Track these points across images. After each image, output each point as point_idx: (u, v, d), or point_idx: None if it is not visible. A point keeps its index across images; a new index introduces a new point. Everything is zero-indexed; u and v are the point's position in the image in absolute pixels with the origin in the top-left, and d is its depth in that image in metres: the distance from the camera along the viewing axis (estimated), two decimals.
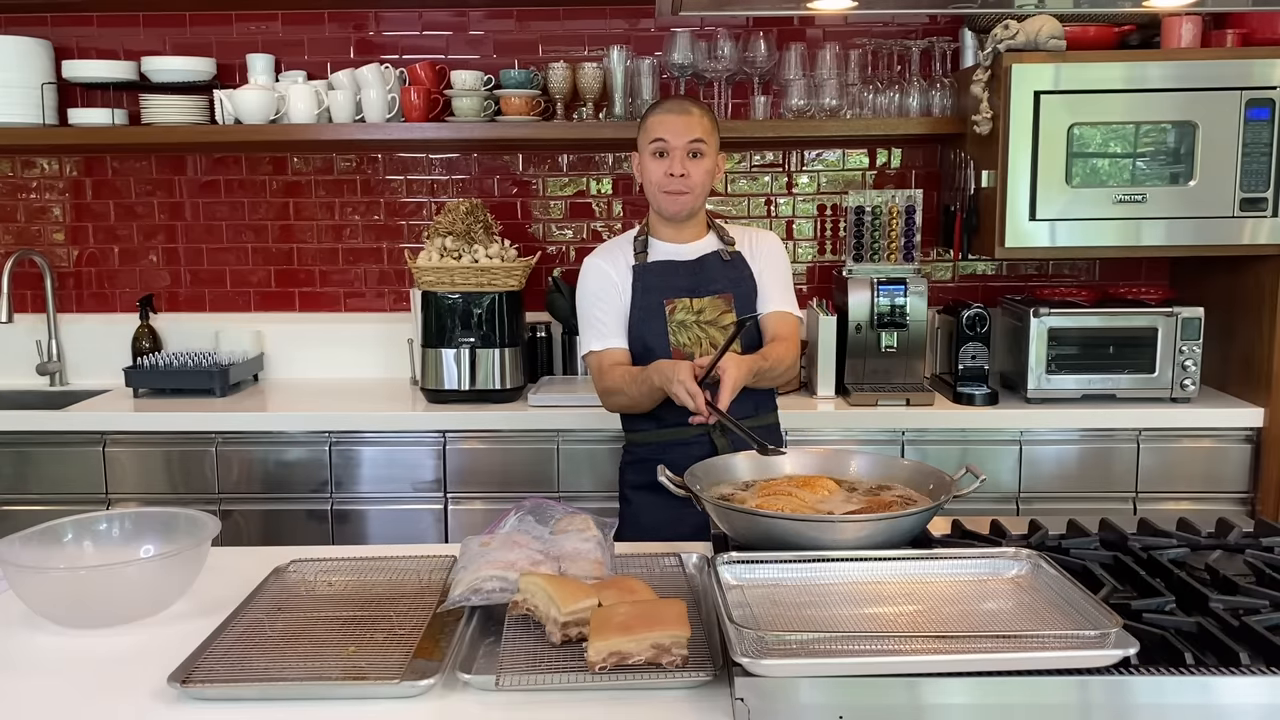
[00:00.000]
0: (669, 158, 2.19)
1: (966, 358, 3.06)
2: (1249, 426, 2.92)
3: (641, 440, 2.30)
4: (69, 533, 1.67)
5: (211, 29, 3.41)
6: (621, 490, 2.36)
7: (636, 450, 2.31)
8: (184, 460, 2.98)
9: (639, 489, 2.26)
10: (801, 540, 1.47)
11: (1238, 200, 2.85)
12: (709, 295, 2.25)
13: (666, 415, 2.24)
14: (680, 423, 2.24)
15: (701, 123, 2.20)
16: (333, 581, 1.64)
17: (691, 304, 2.25)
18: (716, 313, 2.25)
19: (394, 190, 3.51)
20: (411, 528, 2.98)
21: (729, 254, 2.30)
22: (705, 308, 2.24)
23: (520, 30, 3.41)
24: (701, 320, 2.25)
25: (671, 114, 2.21)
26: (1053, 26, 2.81)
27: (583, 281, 2.33)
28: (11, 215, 3.53)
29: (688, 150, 2.18)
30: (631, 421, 2.32)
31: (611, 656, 1.29)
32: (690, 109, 2.23)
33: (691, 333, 2.24)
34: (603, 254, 2.34)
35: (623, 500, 2.35)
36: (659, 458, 2.04)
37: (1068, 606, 1.30)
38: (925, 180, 3.44)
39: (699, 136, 2.18)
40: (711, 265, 2.28)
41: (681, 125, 2.18)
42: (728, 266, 2.29)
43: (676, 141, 2.18)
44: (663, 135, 2.19)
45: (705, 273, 2.27)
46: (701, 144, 2.18)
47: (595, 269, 2.32)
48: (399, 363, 3.43)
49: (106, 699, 1.32)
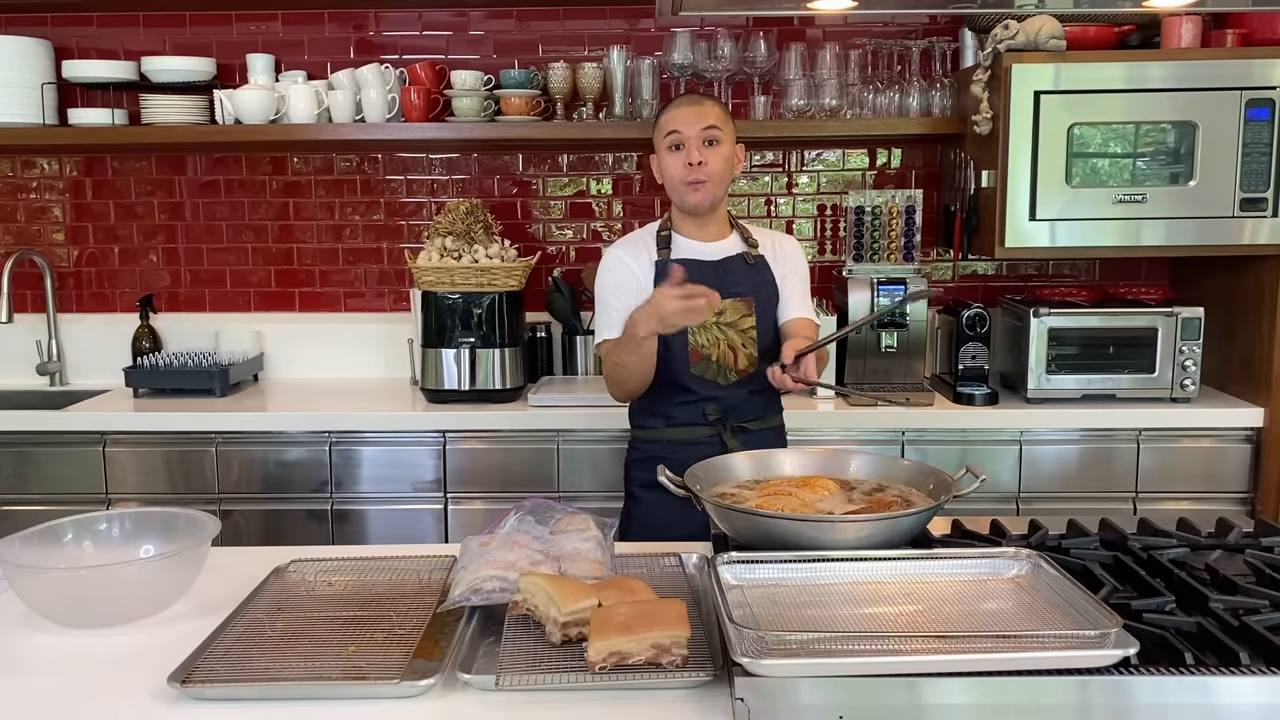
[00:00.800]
0: (685, 149, 2.19)
1: (966, 358, 3.06)
2: (1249, 426, 2.92)
3: (649, 438, 2.30)
4: (69, 533, 1.67)
5: (211, 29, 3.41)
6: (628, 488, 2.36)
7: (644, 448, 2.31)
8: (184, 460, 2.98)
9: (648, 487, 2.24)
10: (801, 540, 1.46)
11: (1238, 200, 2.85)
12: (731, 297, 2.24)
13: (677, 414, 2.25)
14: (691, 422, 2.25)
15: (714, 110, 2.22)
16: (333, 581, 1.64)
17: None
18: (738, 315, 2.25)
19: (394, 190, 3.51)
20: (411, 528, 2.98)
21: (753, 257, 2.30)
22: (727, 309, 2.23)
23: (520, 30, 3.41)
24: (722, 322, 2.24)
25: (683, 106, 2.23)
26: (1053, 26, 2.81)
27: (602, 272, 2.32)
28: (11, 215, 3.53)
29: (703, 139, 2.19)
30: (640, 418, 2.32)
31: (611, 656, 1.29)
32: (702, 100, 2.25)
33: (711, 334, 2.23)
34: (625, 246, 2.33)
35: (630, 498, 2.35)
36: (668, 456, 2.05)
37: (1068, 606, 1.30)
38: (925, 180, 3.44)
39: (712, 123, 2.19)
40: (736, 267, 2.28)
41: (694, 115, 2.20)
42: (751, 270, 2.29)
43: (690, 131, 2.19)
44: (676, 127, 2.20)
45: (729, 274, 2.26)
46: (716, 130, 2.20)
47: (616, 261, 2.30)
48: (399, 363, 3.43)
49: (106, 699, 1.32)
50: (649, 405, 2.29)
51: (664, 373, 2.21)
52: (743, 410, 2.27)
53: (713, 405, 2.24)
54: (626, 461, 2.38)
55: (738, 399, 2.26)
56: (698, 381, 2.23)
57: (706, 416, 2.24)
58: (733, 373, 2.25)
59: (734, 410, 2.25)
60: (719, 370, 2.24)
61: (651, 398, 2.27)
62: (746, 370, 2.26)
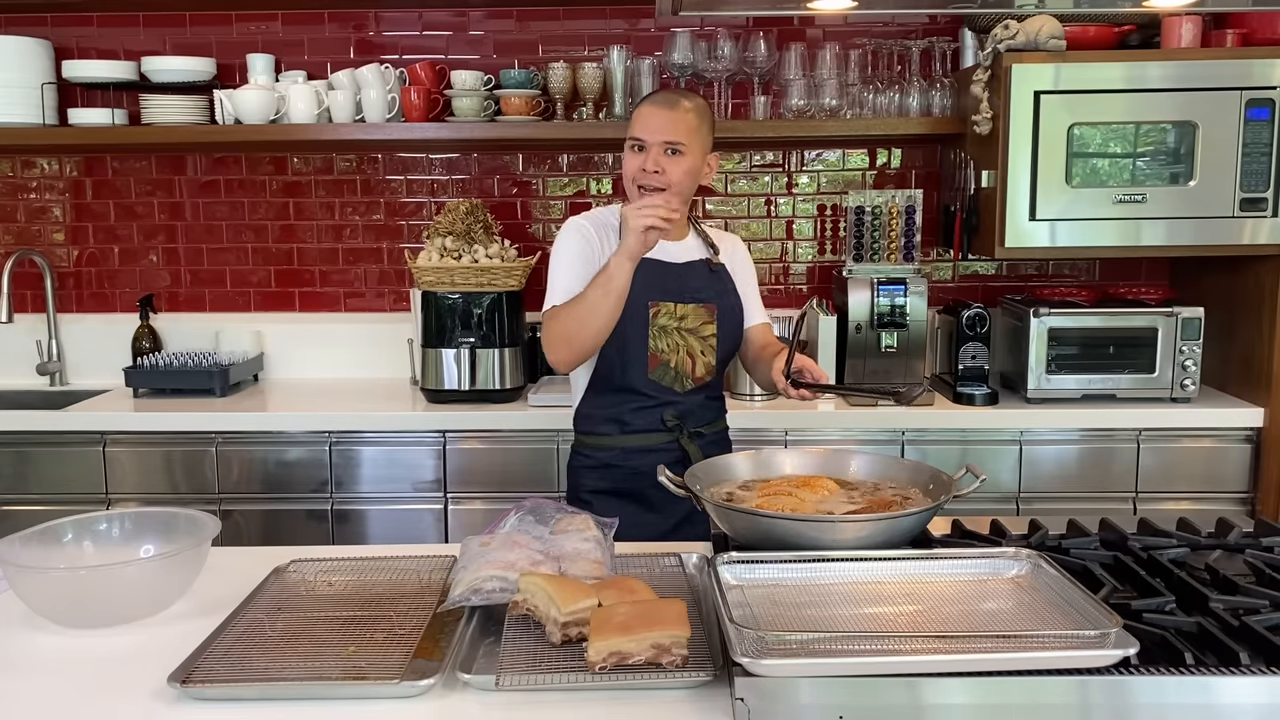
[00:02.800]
0: (646, 152, 2.10)
1: (966, 358, 3.06)
2: (1249, 426, 2.92)
3: (600, 444, 2.23)
4: (69, 533, 1.67)
5: (211, 29, 3.41)
6: (576, 494, 2.27)
7: (594, 454, 2.24)
8: (184, 460, 2.98)
9: (599, 493, 2.21)
10: (801, 540, 1.46)
11: (1238, 200, 2.85)
12: (693, 303, 2.19)
13: (632, 420, 2.19)
14: (647, 428, 2.20)
15: (685, 121, 2.10)
16: (333, 581, 1.64)
17: (675, 309, 2.18)
18: (698, 321, 2.20)
19: (394, 190, 3.51)
20: (411, 528, 2.98)
21: (716, 264, 2.26)
22: (688, 315, 2.19)
23: (520, 30, 3.41)
24: (683, 327, 2.19)
25: (655, 108, 2.12)
26: (1053, 26, 2.81)
27: (565, 240, 2.19)
28: (11, 215, 3.53)
29: (664, 148, 2.09)
30: (590, 424, 2.25)
31: (611, 656, 1.29)
32: (676, 103, 2.12)
33: (672, 339, 2.18)
34: (593, 222, 2.22)
35: (578, 504, 2.22)
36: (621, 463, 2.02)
37: (1068, 606, 1.30)
38: (925, 180, 3.44)
39: (676, 139, 2.09)
40: (699, 272, 2.23)
41: (660, 124, 2.09)
42: (714, 277, 2.25)
43: (653, 139, 2.09)
44: (639, 134, 2.11)
45: (693, 279, 2.22)
46: (679, 145, 2.09)
47: (582, 233, 2.18)
48: (399, 363, 3.43)
49: (106, 699, 1.32)
50: (601, 411, 2.22)
51: (620, 378, 2.16)
52: (698, 415, 2.22)
53: (670, 411, 2.19)
54: (571, 467, 2.30)
55: (694, 404, 2.21)
56: (654, 387, 2.18)
57: (665, 422, 2.19)
58: (689, 380, 2.20)
59: (690, 415, 2.21)
60: (676, 377, 2.19)
61: (604, 403, 2.21)
62: (703, 378, 2.21)
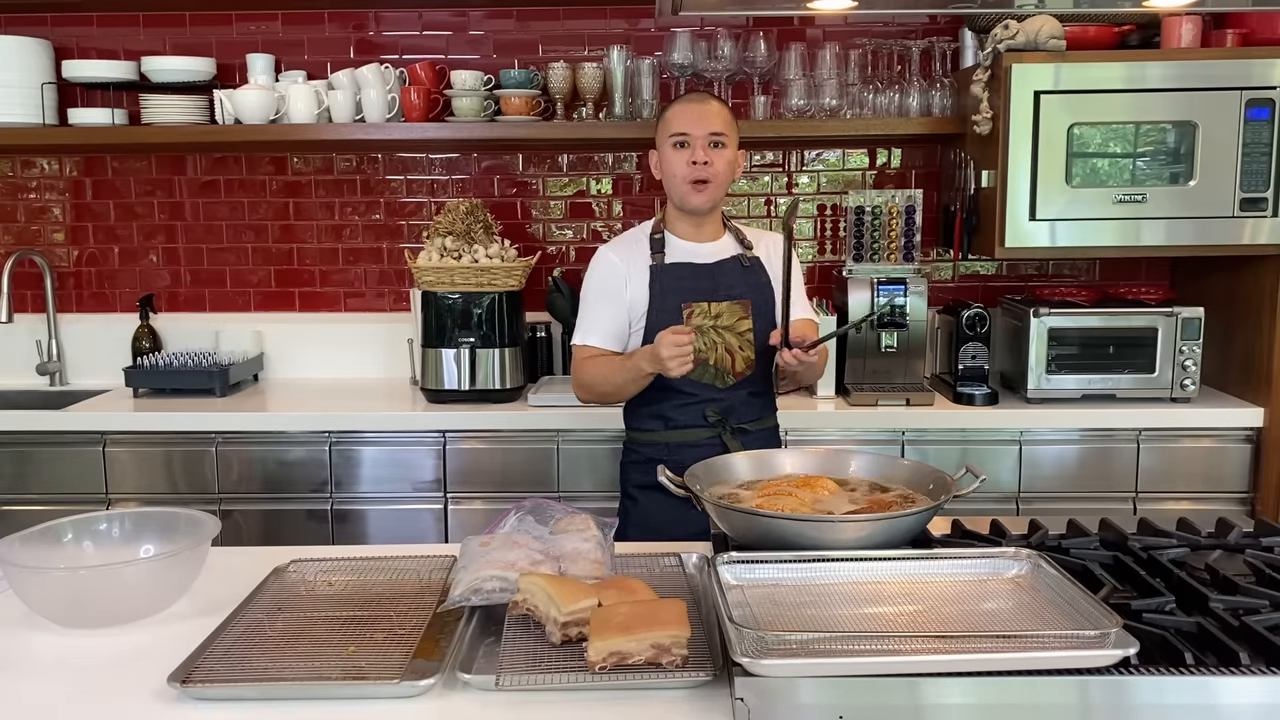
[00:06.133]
0: (690, 148, 2.20)
1: (966, 358, 3.06)
2: (1249, 426, 2.92)
3: (647, 440, 2.30)
4: (69, 533, 1.67)
5: (211, 29, 3.41)
6: (625, 489, 2.36)
7: (642, 450, 2.31)
8: (184, 460, 2.98)
9: (645, 488, 2.25)
10: (801, 540, 1.46)
11: (1238, 200, 2.84)
12: (728, 300, 2.24)
13: (676, 416, 2.25)
14: (691, 424, 2.25)
15: (721, 114, 2.24)
16: (333, 581, 1.64)
17: (710, 308, 2.24)
18: (734, 318, 2.25)
19: (394, 190, 3.51)
20: (411, 528, 2.98)
21: (749, 259, 2.30)
22: (723, 312, 2.24)
23: (520, 30, 3.41)
24: (719, 325, 2.24)
25: (691, 104, 2.24)
26: (1053, 26, 2.81)
27: (591, 272, 2.32)
28: (11, 215, 3.53)
29: (709, 141, 2.20)
30: (637, 421, 2.32)
31: (611, 656, 1.29)
32: (708, 100, 2.27)
33: (708, 337, 2.23)
34: (618, 248, 2.32)
35: (628, 499, 2.34)
36: (666, 458, 2.05)
37: (1068, 606, 1.30)
38: (925, 180, 3.44)
39: (718, 129, 2.21)
40: (731, 269, 2.28)
41: (700, 117, 2.21)
42: (747, 272, 2.29)
43: (697, 132, 2.20)
44: (684, 129, 2.21)
45: (725, 276, 2.27)
46: (722, 136, 2.21)
47: (608, 264, 2.30)
48: (399, 363, 3.43)
49: (106, 699, 1.32)
50: (646, 408, 2.29)
51: (661, 376, 2.21)
52: (741, 412, 2.27)
53: (712, 407, 2.24)
54: (622, 463, 2.38)
55: (737, 401, 2.26)
56: (694, 384, 2.23)
57: (707, 418, 2.24)
58: (730, 376, 2.25)
59: (733, 412, 2.25)
60: (717, 374, 2.24)
61: (649, 400, 2.26)
62: (744, 373, 2.26)
